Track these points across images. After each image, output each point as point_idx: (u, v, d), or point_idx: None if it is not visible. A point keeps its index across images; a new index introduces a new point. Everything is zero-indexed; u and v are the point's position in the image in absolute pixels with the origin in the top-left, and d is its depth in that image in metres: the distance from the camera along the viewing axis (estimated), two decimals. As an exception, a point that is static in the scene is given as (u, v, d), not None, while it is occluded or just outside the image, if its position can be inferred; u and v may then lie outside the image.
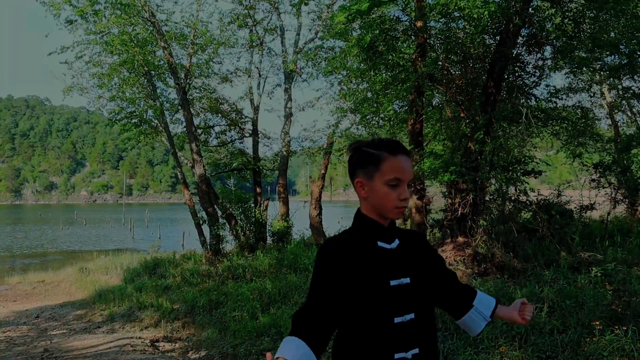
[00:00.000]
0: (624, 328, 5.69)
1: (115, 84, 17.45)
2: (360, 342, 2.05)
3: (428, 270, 2.26)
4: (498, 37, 10.06)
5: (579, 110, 13.34)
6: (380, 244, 2.15)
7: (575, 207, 11.45)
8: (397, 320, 2.06)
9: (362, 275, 2.06)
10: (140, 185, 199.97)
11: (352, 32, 10.96)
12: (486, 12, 8.79)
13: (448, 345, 6.42)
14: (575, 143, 13.29)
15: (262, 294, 10.77)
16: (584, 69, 13.12)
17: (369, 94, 12.99)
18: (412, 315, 2.10)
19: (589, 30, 10.56)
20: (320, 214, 16.94)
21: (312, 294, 2.07)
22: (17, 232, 57.28)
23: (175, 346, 9.49)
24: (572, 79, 14.48)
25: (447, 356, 6.25)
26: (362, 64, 11.61)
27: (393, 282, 2.09)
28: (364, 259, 2.10)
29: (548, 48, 11.23)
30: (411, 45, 11.17)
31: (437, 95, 13.21)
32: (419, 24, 10.04)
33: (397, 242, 2.19)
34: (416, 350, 2.09)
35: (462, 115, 10.63)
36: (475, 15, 9.08)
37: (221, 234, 16.87)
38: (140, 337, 9.98)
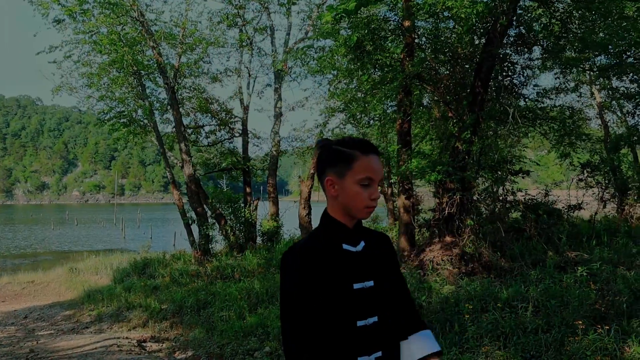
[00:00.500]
0: (607, 327, 5.71)
1: (104, 84, 17.37)
2: (323, 345, 2.02)
3: (391, 273, 2.24)
4: (485, 37, 10.08)
5: (568, 110, 13.38)
6: (345, 246, 2.11)
7: (563, 207, 11.49)
8: (360, 323, 2.03)
9: (326, 279, 2.03)
10: (133, 186, 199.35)
11: (340, 32, 10.94)
12: (473, 12, 8.80)
13: (433, 344, 6.41)
14: (565, 143, 13.33)
15: (250, 294, 10.77)
16: (574, 69, 13.16)
17: (359, 94, 13.00)
18: (375, 319, 2.07)
19: (576, 31, 10.58)
20: (309, 213, 16.92)
21: (294, 320, 2.00)
22: (8, 232, 56.99)
23: (163, 346, 9.45)
24: (562, 80, 14.53)
25: (432, 356, 6.24)
26: (350, 64, 11.60)
27: (356, 286, 2.06)
28: (328, 263, 2.06)
29: (537, 48, 11.27)
30: (399, 45, 11.17)
31: (427, 95, 13.22)
32: (406, 23, 10.03)
33: (362, 244, 2.16)
34: (379, 354, 2.07)
35: (450, 115, 10.64)
36: (462, 15, 9.08)
37: (210, 234, 16.83)
38: (127, 338, 9.93)
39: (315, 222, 17.68)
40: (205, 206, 17.17)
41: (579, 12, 10.22)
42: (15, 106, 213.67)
